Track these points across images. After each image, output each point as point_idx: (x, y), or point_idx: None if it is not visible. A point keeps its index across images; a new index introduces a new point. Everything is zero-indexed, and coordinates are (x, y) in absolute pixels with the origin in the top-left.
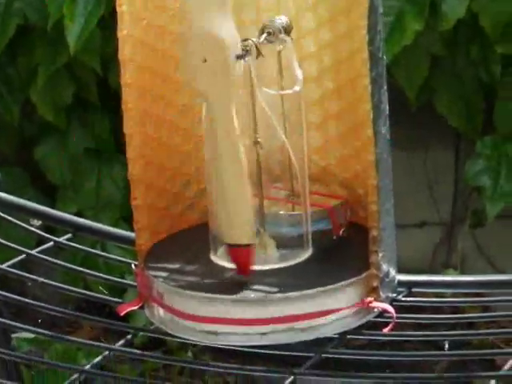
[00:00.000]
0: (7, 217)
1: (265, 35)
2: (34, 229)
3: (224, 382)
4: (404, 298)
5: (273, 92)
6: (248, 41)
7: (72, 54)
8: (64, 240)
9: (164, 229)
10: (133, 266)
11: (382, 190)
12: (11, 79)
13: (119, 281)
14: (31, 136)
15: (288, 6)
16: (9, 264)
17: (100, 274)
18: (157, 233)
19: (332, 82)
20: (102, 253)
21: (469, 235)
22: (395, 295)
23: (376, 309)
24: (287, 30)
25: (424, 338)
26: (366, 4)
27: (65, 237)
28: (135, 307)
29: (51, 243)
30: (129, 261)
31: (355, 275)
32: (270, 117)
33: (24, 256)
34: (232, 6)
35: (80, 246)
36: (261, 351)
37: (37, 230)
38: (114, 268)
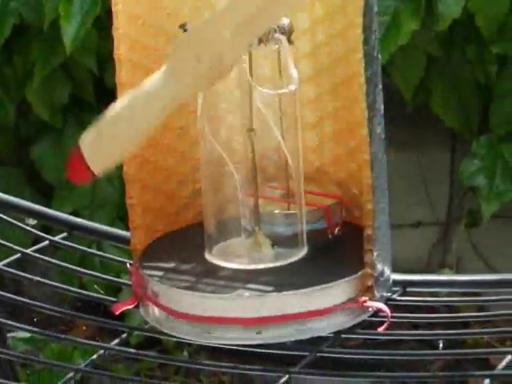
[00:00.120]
0: (2, 216)
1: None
2: (30, 228)
3: (219, 382)
4: (399, 298)
5: (269, 91)
6: None
7: (68, 54)
8: (59, 239)
9: (159, 228)
10: (128, 265)
11: (377, 190)
12: (7, 79)
13: (114, 280)
14: (27, 135)
15: None
16: (4, 263)
17: (95, 273)
18: (152, 232)
19: (327, 82)
20: (98, 252)
21: (464, 235)
22: (390, 294)
23: (371, 308)
24: (288, 33)
25: (419, 338)
26: (361, 3)
27: (60, 236)
28: (130, 306)
29: (46, 242)
30: (124, 260)
31: (350, 274)
32: (266, 116)
33: (19, 255)
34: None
35: (75, 245)
36: (256, 350)
37: (32, 229)
38: (110, 267)
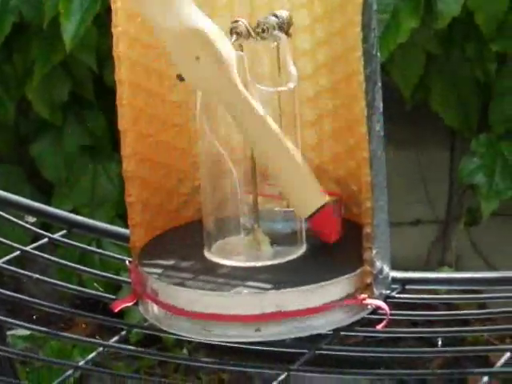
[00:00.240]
0: (2, 213)
1: (259, 32)
2: (29, 226)
3: (219, 379)
4: (398, 295)
5: (268, 89)
6: (238, 22)
7: (68, 52)
8: (59, 236)
9: (158, 225)
10: (127, 263)
11: (376, 187)
12: (7, 77)
13: (114, 277)
14: (27, 133)
15: (283, 3)
16: (3, 260)
17: (95, 271)
18: (151, 229)
19: (326, 80)
20: (97, 249)
21: (464, 233)
22: (389, 292)
23: (370, 306)
24: (287, 26)
25: (418, 335)
26: (360, 1)
27: (59, 233)
28: (129, 304)
29: (46, 240)
30: (123, 257)
31: (349, 272)
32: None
33: (19, 253)
34: (226, 3)
35: (74, 243)
36: (255, 347)
37: (32, 227)
38: (110, 265)
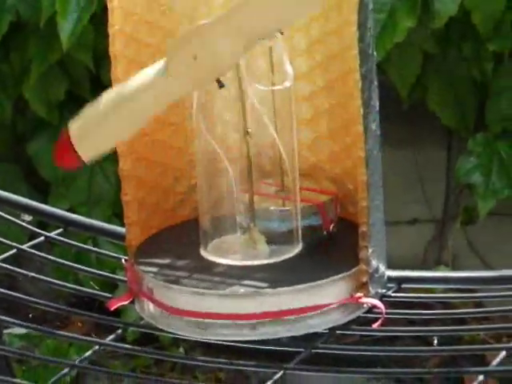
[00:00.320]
0: None
1: None
2: (25, 224)
3: (215, 378)
4: (394, 294)
5: (264, 88)
6: None
7: (65, 51)
8: (55, 235)
9: (154, 224)
10: (123, 261)
11: (372, 186)
12: (4, 76)
13: (110, 276)
14: (24, 132)
15: None
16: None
17: (91, 270)
18: (147, 228)
19: (322, 79)
20: (93, 248)
21: (460, 232)
22: (385, 291)
23: (365, 304)
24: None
25: (414, 334)
26: (356, 0)
27: (56, 232)
28: (125, 302)
29: (42, 238)
30: (120, 256)
31: (345, 271)
32: (261, 113)
33: (15, 251)
34: (222, 3)
35: (70, 241)
36: (250, 346)
37: (28, 226)
38: (106, 264)
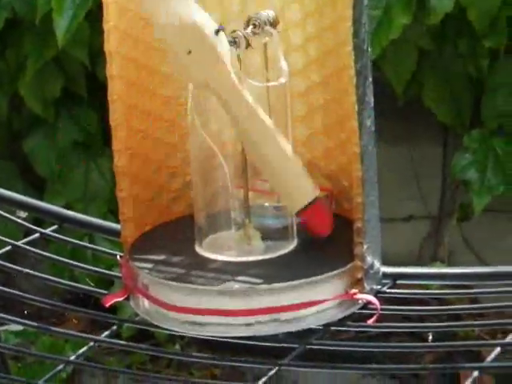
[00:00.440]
0: None
1: (251, 27)
2: (20, 220)
3: (211, 375)
4: (389, 290)
5: (259, 84)
6: (236, 32)
7: (60, 48)
8: (50, 231)
9: (149, 220)
10: (118, 258)
11: (367, 182)
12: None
13: (106, 273)
14: (19, 129)
15: None
16: None
17: (87, 266)
18: (142, 224)
19: (317, 75)
20: (89, 244)
21: (456, 229)
22: (380, 287)
23: (360, 300)
24: (273, 24)
25: (409, 330)
26: None
27: (51, 228)
28: (120, 298)
29: (37, 235)
30: (115, 252)
31: (340, 267)
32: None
33: (10, 248)
34: (217, 0)
35: (66, 238)
36: (245, 342)
37: (23, 222)
38: (102, 260)
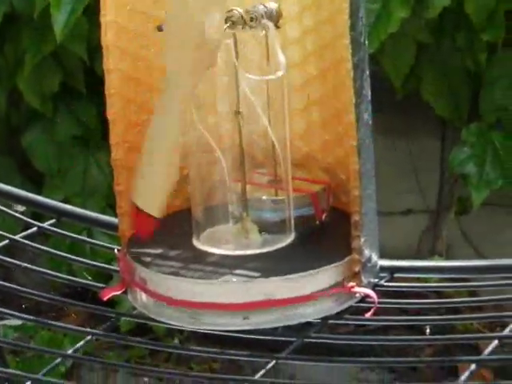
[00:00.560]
0: None
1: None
2: (18, 214)
3: (210, 369)
4: (386, 284)
5: (256, 78)
6: (233, 11)
7: (58, 42)
8: (47, 225)
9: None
10: (116, 252)
11: (364, 176)
12: None
13: (104, 267)
14: (18, 124)
15: None
16: None
17: (85, 260)
18: None
19: (315, 68)
20: (87, 238)
21: (454, 222)
22: (377, 280)
23: (358, 294)
24: (276, 17)
25: (408, 323)
26: None
27: (48, 222)
28: (118, 292)
29: (35, 229)
30: (113, 246)
31: (337, 260)
32: (253, 102)
33: (7, 241)
34: None
35: (63, 232)
36: (243, 336)
37: (21, 216)
38: (101, 255)
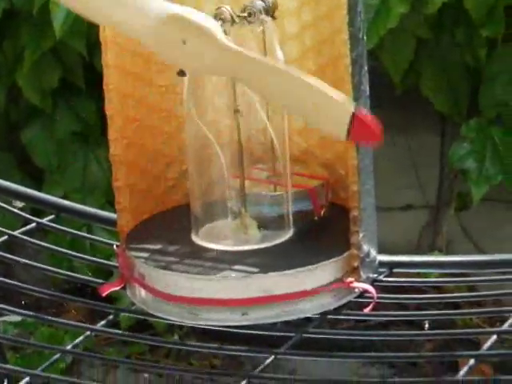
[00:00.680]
0: None
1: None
2: (17, 210)
3: (210, 365)
4: (385, 279)
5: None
6: (221, 8)
7: (58, 38)
8: (47, 221)
9: (146, 210)
10: (115, 247)
11: (363, 171)
12: None
13: (104, 262)
14: (17, 120)
15: None
16: None
17: (85, 256)
18: (138, 214)
19: (313, 63)
20: (86, 234)
21: (454, 218)
22: (376, 276)
23: (357, 289)
24: (271, 9)
25: (407, 318)
26: None
27: (48, 218)
28: (117, 288)
29: (34, 224)
30: (113, 242)
31: (336, 255)
32: (252, 98)
33: (6, 237)
34: None
35: (62, 227)
36: (242, 331)
37: (20, 212)
38: (101, 251)
